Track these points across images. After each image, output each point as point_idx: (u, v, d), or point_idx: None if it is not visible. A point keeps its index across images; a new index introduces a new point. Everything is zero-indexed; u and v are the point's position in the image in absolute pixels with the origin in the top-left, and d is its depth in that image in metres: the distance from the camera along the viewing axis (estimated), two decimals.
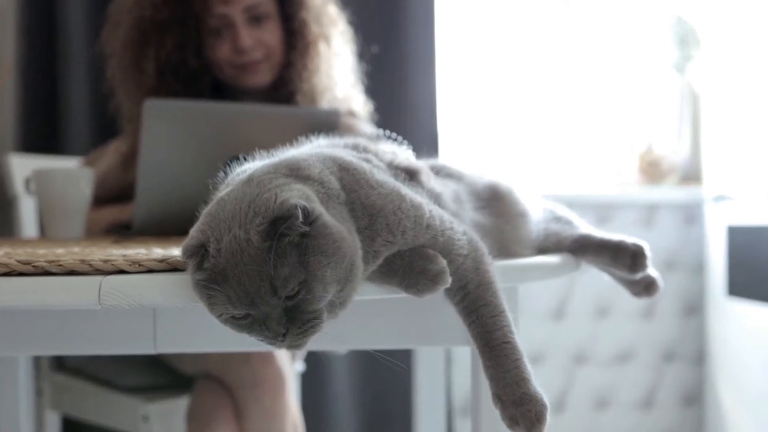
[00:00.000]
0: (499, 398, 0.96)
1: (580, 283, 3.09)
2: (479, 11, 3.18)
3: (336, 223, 0.86)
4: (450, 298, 1.01)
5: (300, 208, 0.81)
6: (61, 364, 2.11)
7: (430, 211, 0.98)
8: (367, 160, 1.02)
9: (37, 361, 2.05)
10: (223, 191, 0.92)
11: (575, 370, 3.12)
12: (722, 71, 2.98)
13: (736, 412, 2.89)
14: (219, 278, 0.82)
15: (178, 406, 1.86)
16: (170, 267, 0.92)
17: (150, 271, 0.91)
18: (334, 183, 0.92)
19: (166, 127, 1.54)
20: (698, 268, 3.13)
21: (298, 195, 0.84)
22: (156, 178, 1.56)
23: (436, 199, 1.05)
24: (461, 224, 1.03)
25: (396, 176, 1.03)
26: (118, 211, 1.84)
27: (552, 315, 3.09)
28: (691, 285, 3.15)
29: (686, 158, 3.27)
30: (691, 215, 3.16)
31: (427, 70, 2.66)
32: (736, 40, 2.90)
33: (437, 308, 1.08)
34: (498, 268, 1.04)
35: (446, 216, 1.01)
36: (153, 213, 1.57)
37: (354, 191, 0.93)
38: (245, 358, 1.71)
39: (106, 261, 0.90)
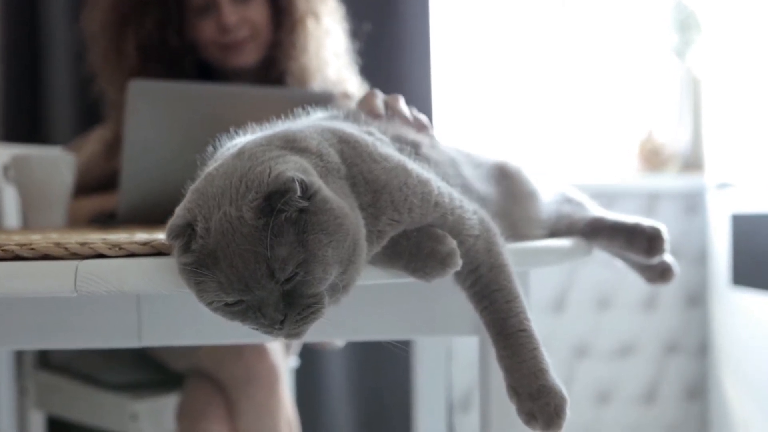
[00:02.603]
0: (515, 391, 0.90)
1: (580, 274, 3.04)
2: None
3: (337, 198, 0.78)
4: (460, 283, 0.94)
5: (297, 181, 0.74)
6: (45, 361, 2.04)
7: (439, 188, 0.91)
8: (370, 133, 0.94)
9: (20, 358, 1.99)
10: (211, 166, 0.84)
11: (576, 363, 3.07)
12: (723, 56, 2.94)
13: (741, 406, 2.83)
14: (208, 261, 0.74)
15: (168, 403, 1.80)
16: (154, 251, 0.84)
17: (132, 255, 0.83)
18: (333, 156, 0.85)
19: (152, 110, 1.48)
20: (701, 257, 3.08)
21: (294, 167, 0.77)
22: (141, 163, 1.49)
23: (444, 176, 0.98)
24: (471, 203, 0.96)
25: (401, 150, 0.95)
26: (103, 200, 1.77)
27: (552, 307, 3.03)
28: (694, 275, 3.09)
29: (687, 145, 3.22)
30: (692, 204, 3.11)
31: (422, 52, 2.60)
32: (736, 25, 2.86)
33: (442, 295, 1.02)
34: (508, 251, 0.97)
35: (455, 194, 0.94)
36: (138, 200, 1.51)
37: (355, 165, 0.86)
38: (238, 352, 1.64)
39: (83, 244, 0.82)
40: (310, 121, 0.96)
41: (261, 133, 0.90)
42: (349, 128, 0.91)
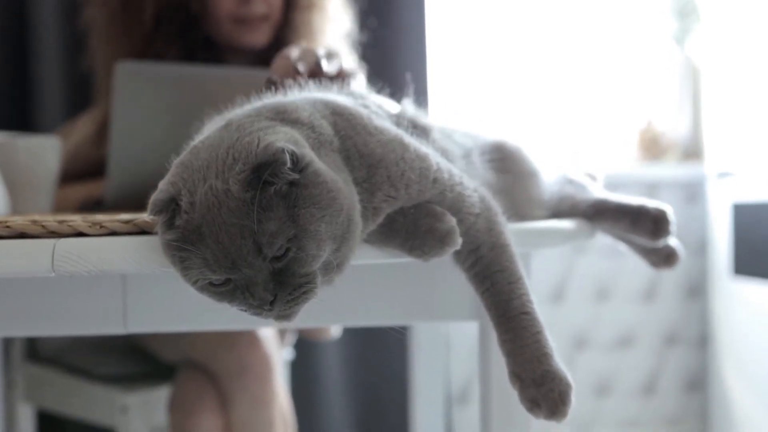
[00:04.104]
0: (518, 377, 0.85)
1: (579, 264, 3.00)
2: None
3: (330, 171, 0.74)
4: (460, 263, 0.89)
5: (288, 152, 0.70)
6: (34, 353, 2.00)
7: (438, 164, 0.87)
8: (365, 106, 0.89)
9: (7, 350, 1.94)
10: (197, 139, 0.80)
11: (575, 355, 3.03)
12: (722, 43, 2.90)
13: (742, 398, 2.80)
14: (193, 237, 0.70)
15: (159, 396, 1.76)
16: (137, 229, 0.80)
17: (113, 233, 0.79)
18: (326, 128, 0.80)
19: (141, 92, 1.44)
20: (701, 247, 3.04)
21: (284, 138, 0.72)
22: (129, 147, 1.45)
23: (443, 152, 0.93)
24: (472, 180, 0.92)
25: (398, 125, 0.91)
26: (91, 187, 1.72)
27: (550, 298, 2.99)
28: (694, 265, 3.06)
29: (687, 134, 3.19)
30: (692, 193, 3.07)
31: (418, 39, 2.56)
32: (735, 12, 2.83)
33: (441, 277, 0.98)
34: (510, 231, 0.93)
35: (455, 170, 0.90)
36: (127, 186, 1.46)
37: (349, 138, 0.81)
38: (230, 343, 1.61)
39: (61, 222, 0.77)
40: (302, 92, 0.92)
41: (249, 105, 0.86)
42: (343, 100, 0.87)
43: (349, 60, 1.11)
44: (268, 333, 1.67)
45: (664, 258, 1.22)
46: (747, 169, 2.74)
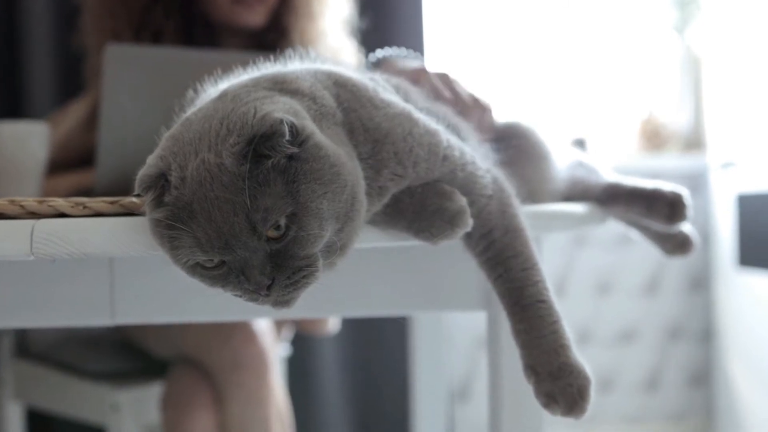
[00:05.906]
0: (533, 370, 0.81)
1: (580, 258, 2.97)
2: None
3: (333, 145, 0.69)
4: (471, 248, 0.84)
5: (287, 123, 0.64)
6: (24, 349, 1.95)
7: (448, 140, 0.81)
8: (372, 80, 0.83)
9: None
10: (189, 111, 0.74)
11: (576, 350, 2.97)
12: (723, 32, 2.88)
13: (748, 392, 2.77)
14: (183, 215, 0.65)
15: (152, 393, 1.72)
16: (123, 210, 0.74)
17: (98, 214, 0.73)
18: (328, 99, 0.75)
19: (132, 76, 1.39)
20: (704, 239, 3.00)
21: (283, 109, 0.67)
22: (120, 134, 1.40)
23: (454, 129, 0.87)
24: (484, 160, 0.86)
25: (407, 100, 0.85)
26: (81, 176, 1.67)
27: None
28: (697, 257, 3.02)
29: (688, 124, 3.15)
30: (694, 184, 3.03)
31: (415, 29, 2.52)
32: (735, 0, 2.78)
33: (448, 263, 0.93)
34: (524, 214, 0.88)
35: (467, 149, 0.84)
36: (117, 175, 1.41)
37: (353, 111, 0.76)
38: (225, 337, 1.57)
39: (41, 202, 0.72)
40: (303, 62, 0.86)
41: (247, 75, 0.80)
42: (347, 71, 0.82)
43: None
44: (264, 327, 1.62)
45: (679, 245, 1.19)
46: (750, 159, 2.69)
